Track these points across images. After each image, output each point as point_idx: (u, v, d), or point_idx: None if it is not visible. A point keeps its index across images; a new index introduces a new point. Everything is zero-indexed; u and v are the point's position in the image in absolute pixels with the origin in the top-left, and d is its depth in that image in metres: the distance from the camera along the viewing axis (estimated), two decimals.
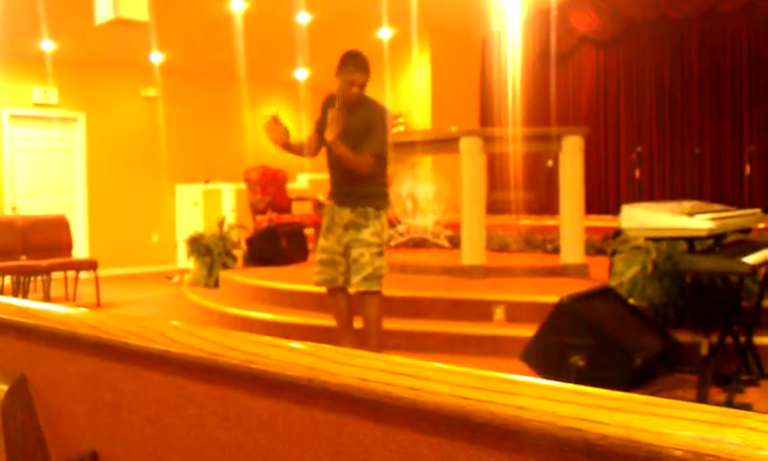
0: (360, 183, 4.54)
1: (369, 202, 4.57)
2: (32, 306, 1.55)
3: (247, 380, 1.06)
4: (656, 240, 4.85)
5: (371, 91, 4.69)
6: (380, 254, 4.57)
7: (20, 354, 1.53)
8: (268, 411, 1.05)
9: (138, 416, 1.29)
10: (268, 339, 1.08)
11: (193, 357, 1.12)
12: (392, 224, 8.75)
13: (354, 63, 4.46)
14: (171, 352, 1.16)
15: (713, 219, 4.09)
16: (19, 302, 1.61)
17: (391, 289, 6.16)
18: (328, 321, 5.69)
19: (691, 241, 4.18)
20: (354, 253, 4.54)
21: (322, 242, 4.71)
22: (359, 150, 4.48)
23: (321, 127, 4.63)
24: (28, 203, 10.94)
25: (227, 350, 1.08)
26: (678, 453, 0.65)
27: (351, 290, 4.67)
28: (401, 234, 8.82)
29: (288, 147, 4.67)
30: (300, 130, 13.46)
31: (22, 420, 1.48)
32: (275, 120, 4.48)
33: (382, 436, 0.90)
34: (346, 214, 4.58)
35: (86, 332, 1.35)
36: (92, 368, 1.38)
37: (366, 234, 4.52)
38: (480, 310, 5.79)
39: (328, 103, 4.63)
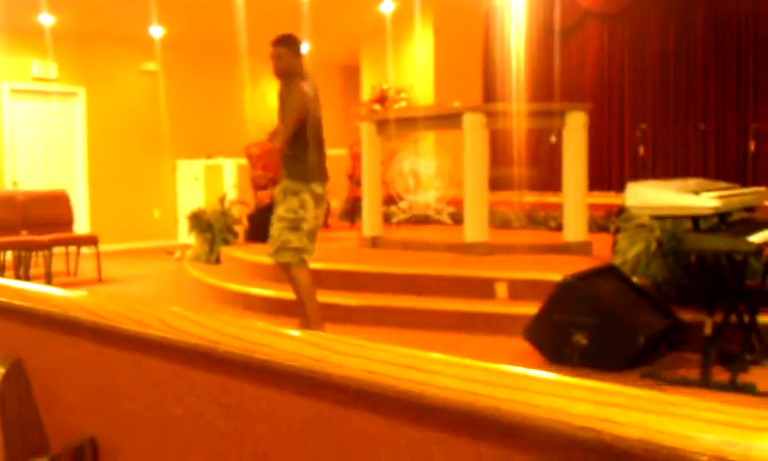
0: None
1: None
2: (29, 288, 1.52)
3: (248, 369, 1.03)
4: (660, 218, 4.81)
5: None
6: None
7: (17, 338, 1.50)
8: (269, 401, 1.02)
9: (137, 403, 1.27)
10: (270, 327, 1.05)
11: (192, 345, 1.10)
12: (393, 200, 8.72)
13: None
14: (169, 339, 1.13)
15: (719, 197, 4.05)
16: (16, 284, 1.58)
17: (393, 266, 6.13)
18: (328, 298, 5.68)
19: (696, 219, 4.15)
20: None
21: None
22: None
23: None
24: (28, 178, 10.90)
25: (227, 338, 1.05)
26: (703, 459, 0.62)
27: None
28: (404, 211, 8.78)
29: None
30: None
31: (19, 404, 1.45)
32: None
33: (389, 431, 0.87)
34: None
35: (84, 317, 1.32)
36: (90, 353, 1.36)
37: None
38: (483, 288, 5.77)
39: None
